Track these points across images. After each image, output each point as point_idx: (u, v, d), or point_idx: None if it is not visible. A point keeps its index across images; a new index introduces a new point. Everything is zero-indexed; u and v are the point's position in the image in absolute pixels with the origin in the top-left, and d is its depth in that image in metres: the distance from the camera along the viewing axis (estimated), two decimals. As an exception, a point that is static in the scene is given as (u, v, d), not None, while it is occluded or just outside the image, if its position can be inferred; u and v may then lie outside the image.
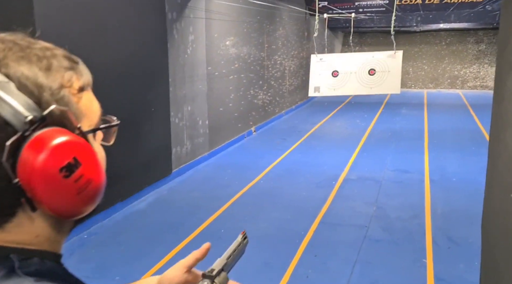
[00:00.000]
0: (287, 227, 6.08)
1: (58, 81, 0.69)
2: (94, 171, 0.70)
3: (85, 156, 0.69)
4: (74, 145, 0.67)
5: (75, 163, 0.67)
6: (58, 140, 0.65)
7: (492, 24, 20.00)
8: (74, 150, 0.67)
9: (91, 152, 0.70)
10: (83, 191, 0.69)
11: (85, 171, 0.68)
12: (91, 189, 0.70)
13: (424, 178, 8.14)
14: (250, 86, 11.83)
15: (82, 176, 0.68)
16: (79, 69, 0.75)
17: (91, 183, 0.70)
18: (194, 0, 8.55)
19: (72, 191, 0.67)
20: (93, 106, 0.76)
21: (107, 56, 6.18)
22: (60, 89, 0.69)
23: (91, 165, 0.70)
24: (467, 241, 5.57)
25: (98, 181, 0.71)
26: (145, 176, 7.23)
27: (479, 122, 13.56)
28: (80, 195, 0.69)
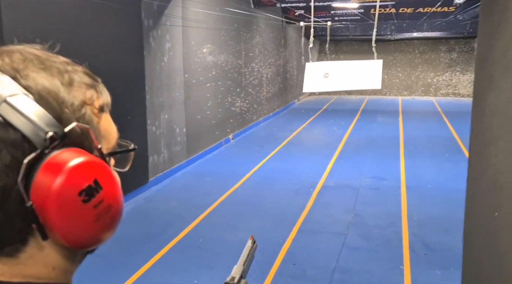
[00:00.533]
0: (265, 235, 6.06)
1: (80, 98, 0.64)
2: (115, 196, 0.64)
3: (106, 179, 0.63)
4: (95, 166, 0.61)
5: (96, 186, 0.61)
6: (78, 161, 0.59)
7: (463, 33, 20.49)
8: (95, 171, 0.61)
9: (111, 176, 0.64)
10: (102, 218, 0.62)
11: (106, 196, 0.62)
12: (110, 216, 0.64)
13: (400, 185, 8.23)
14: (228, 94, 11.82)
15: (102, 201, 0.62)
16: (100, 88, 0.70)
17: (111, 210, 0.63)
18: (170, 8, 8.51)
19: (90, 217, 0.61)
20: (111, 129, 0.72)
21: (81, 63, 6.08)
22: (82, 106, 0.64)
23: (112, 189, 0.64)
24: (443, 248, 5.63)
25: (118, 207, 0.65)
26: (122, 185, 7.11)
27: (453, 129, 13.81)
28: (98, 223, 0.62)
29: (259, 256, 5.17)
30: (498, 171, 1.94)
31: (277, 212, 6.94)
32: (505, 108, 1.89)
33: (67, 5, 5.81)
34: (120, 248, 5.73)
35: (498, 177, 1.95)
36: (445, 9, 14.00)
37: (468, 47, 23.66)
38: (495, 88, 1.98)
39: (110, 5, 6.60)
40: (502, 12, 1.97)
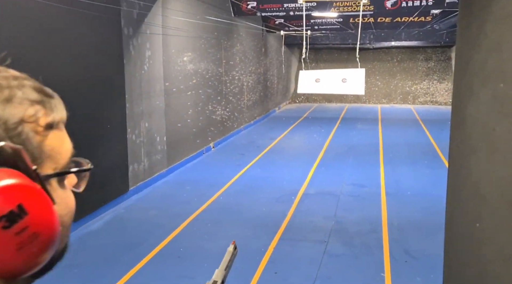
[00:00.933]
0: (247, 244, 6.03)
1: (18, 115, 0.59)
2: (44, 223, 0.58)
3: (35, 203, 0.57)
4: (22, 189, 0.56)
5: (20, 211, 0.56)
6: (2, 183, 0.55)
7: (440, 43, 20.86)
8: (20, 196, 0.56)
9: (43, 200, 0.59)
10: (25, 246, 0.57)
11: (31, 222, 0.57)
12: (36, 244, 0.58)
13: (380, 192, 8.30)
14: (209, 102, 11.80)
15: (27, 228, 0.56)
16: (52, 104, 0.65)
17: (37, 238, 0.58)
18: (150, 16, 8.48)
19: (11, 245, 0.56)
20: (62, 147, 0.66)
21: (60, 72, 6.02)
22: (19, 124, 0.59)
23: (41, 215, 0.58)
24: (423, 254, 5.69)
25: (47, 235, 0.59)
26: (101, 195, 7.03)
27: (431, 136, 14.01)
28: (21, 251, 0.57)
29: (240, 264, 5.13)
30: (479, 181, 1.97)
31: (258, 220, 6.93)
32: (484, 119, 1.92)
33: (45, 13, 5.74)
34: (99, 258, 5.65)
35: (478, 187, 1.97)
36: (422, 19, 14.24)
37: (445, 56, 24.09)
38: (475, 99, 2.02)
39: (89, 13, 6.55)
40: (480, 24, 2.01)
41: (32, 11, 5.50)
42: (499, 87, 1.80)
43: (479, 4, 2.09)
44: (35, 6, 5.51)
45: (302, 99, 25.49)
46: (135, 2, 7.92)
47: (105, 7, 6.91)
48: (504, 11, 1.85)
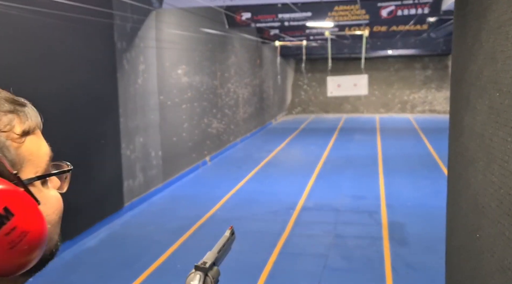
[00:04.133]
0: (245, 259, 5.93)
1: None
2: (31, 221, 0.64)
3: (20, 205, 0.63)
4: (5, 193, 0.61)
5: (6, 213, 0.61)
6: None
7: (437, 51, 20.91)
8: (5, 199, 0.61)
9: (27, 201, 0.64)
10: (16, 245, 0.62)
11: (19, 222, 0.62)
12: (26, 242, 0.63)
13: (380, 204, 8.20)
14: (204, 115, 11.74)
15: (15, 228, 0.62)
16: (25, 112, 0.70)
17: (26, 236, 0.63)
18: (144, 30, 8.45)
19: (3, 245, 0.61)
20: (40, 151, 0.71)
21: (53, 87, 5.96)
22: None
23: (26, 215, 0.63)
24: (424, 266, 5.58)
25: (36, 233, 0.65)
26: (96, 211, 6.94)
27: (430, 146, 13.95)
28: (13, 250, 0.62)
29: (239, 280, 5.04)
30: (478, 192, 1.91)
31: (256, 234, 6.83)
32: (481, 129, 1.86)
33: (37, 28, 5.70)
34: (96, 275, 5.56)
35: (477, 198, 1.91)
36: (418, 27, 14.27)
37: (442, 64, 24.13)
38: (472, 110, 1.95)
39: (82, 27, 6.51)
40: (475, 34, 1.96)
41: (24, 26, 5.46)
42: (495, 97, 1.74)
43: (474, 13, 2.05)
44: (27, 21, 5.46)
45: (299, 111, 25.49)
46: (128, 16, 7.89)
47: (98, 21, 6.88)
48: (499, 20, 1.81)
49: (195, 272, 0.98)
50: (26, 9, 5.40)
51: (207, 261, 1.00)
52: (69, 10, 6.12)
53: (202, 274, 0.98)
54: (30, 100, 0.73)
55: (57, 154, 0.74)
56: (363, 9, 11.05)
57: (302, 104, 25.60)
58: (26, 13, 5.41)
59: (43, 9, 5.66)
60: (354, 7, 11.04)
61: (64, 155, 0.74)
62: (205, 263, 0.99)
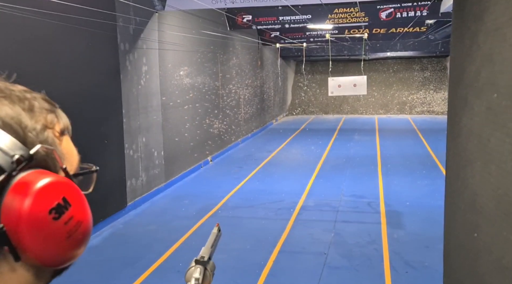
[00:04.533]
0: (246, 258, 6.01)
1: (41, 122, 0.67)
2: (84, 212, 0.66)
3: (74, 196, 0.65)
4: (62, 185, 0.64)
5: (65, 203, 0.63)
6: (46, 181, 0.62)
7: (435, 53, 20.99)
8: (62, 190, 0.63)
9: (79, 193, 0.67)
10: (73, 234, 0.64)
11: (75, 212, 0.64)
12: (81, 231, 0.65)
13: (379, 203, 8.29)
14: (206, 116, 11.82)
15: (72, 218, 0.64)
16: (58, 113, 0.73)
17: (81, 225, 0.65)
18: (147, 31, 8.53)
19: (62, 234, 0.63)
20: (73, 151, 0.74)
21: (58, 88, 6.03)
22: (44, 130, 0.67)
23: (80, 206, 0.66)
24: (423, 265, 5.67)
25: (88, 223, 0.67)
26: (99, 210, 7.01)
27: (428, 146, 14.03)
28: (70, 239, 0.64)
29: (240, 278, 5.12)
30: (475, 192, 1.97)
31: (257, 233, 6.91)
32: (479, 130, 1.93)
33: (42, 30, 5.78)
34: (99, 273, 5.62)
35: (475, 198, 1.98)
36: (417, 29, 14.34)
37: (441, 66, 24.21)
38: (469, 111, 2.03)
39: (85, 29, 6.58)
40: (473, 36, 2.03)
41: (29, 28, 5.53)
42: (492, 98, 1.80)
43: (471, 16, 2.11)
44: (32, 23, 5.54)
45: (299, 111, 25.55)
46: (131, 18, 7.97)
47: (102, 23, 6.95)
48: (496, 22, 1.87)
49: (196, 266, 1.04)
50: (31, 11, 5.48)
51: (205, 256, 1.06)
52: (73, 12, 6.19)
53: (202, 267, 1.04)
54: None
55: None
56: (363, 12, 11.13)
57: (303, 105, 25.66)
58: (31, 15, 5.49)
59: (47, 11, 5.74)
60: (353, 10, 11.12)
61: None
62: (204, 258, 1.05)
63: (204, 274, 1.03)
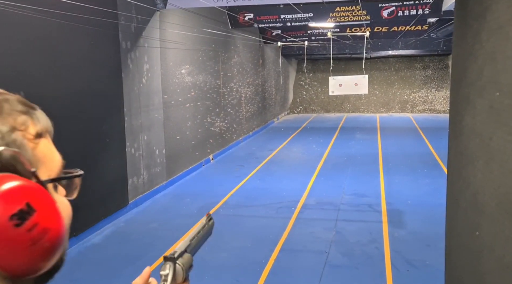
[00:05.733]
0: (247, 256, 6.02)
1: (9, 124, 0.64)
2: (52, 218, 0.62)
3: (41, 202, 0.61)
4: (27, 189, 0.60)
5: (28, 209, 0.59)
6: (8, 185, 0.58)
7: (437, 51, 20.96)
8: (27, 195, 0.59)
9: (47, 198, 0.63)
10: (38, 241, 0.60)
11: (40, 219, 0.60)
12: (48, 239, 0.61)
13: (380, 201, 8.28)
14: (207, 114, 11.82)
15: (37, 224, 0.60)
16: (36, 115, 0.69)
17: (47, 233, 0.61)
18: (148, 30, 8.53)
19: (25, 242, 0.59)
20: (53, 155, 0.70)
21: (60, 86, 6.04)
22: (12, 132, 0.63)
23: (47, 212, 0.62)
24: (424, 264, 5.66)
25: (57, 230, 0.63)
26: (101, 208, 7.02)
27: (430, 144, 14.02)
28: (35, 247, 0.60)
29: (241, 277, 5.11)
30: (477, 191, 1.97)
31: (258, 231, 6.91)
32: (481, 128, 1.93)
33: (44, 29, 5.78)
34: (100, 271, 5.63)
35: (477, 197, 1.98)
36: (419, 27, 14.32)
37: (442, 64, 24.19)
38: (471, 109, 2.03)
39: (87, 28, 6.59)
40: (475, 34, 2.02)
41: (30, 27, 5.54)
42: (495, 97, 1.80)
43: (474, 14, 2.10)
44: (34, 22, 5.54)
45: (301, 110, 25.54)
46: (133, 16, 7.97)
47: (103, 21, 6.96)
48: (499, 21, 1.86)
49: (165, 263, 1.03)
50: (33, 9, 5.48)
51: (177, 251, 1.04)
52: (74, 11, 6.19)
53: (171, 263, 1.02)
54: (36, 99, 0.73)
55: (63, 152, 0.73)
56: (364, 10, 11.12)
57: (304, 104, 25.65)
58: (33, 13, 5.49)
59: (49, 10, 5.74)
60: (355, 8, 11.11)
61: (70, 153, 0.72)
62: (174, 253, 1.03)
63: (174, 269, 1.01)
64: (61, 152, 0.73)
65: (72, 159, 0.73)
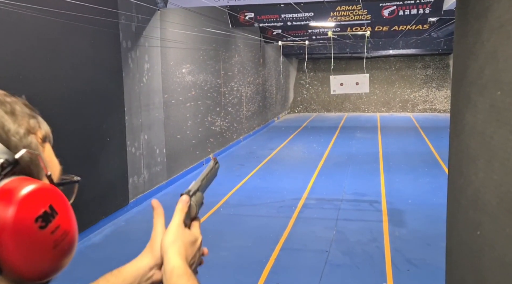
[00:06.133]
0: (248, 255, 6.02)
1: (24, 126, 0.63)
2: (70, 221, 0.63)
3: (61, 204, 0.62)
4: (48, 192, 0.60)
5: (52, 211, 0.59)
6: (32, 187, 0.58)
7: (438, 50, 20.96)
8: (49, 197, 0.60)
9: (65, 201, 0.63)
10: (59, 244, 0.60)
11: (62, 221, 0.61)
12: (67, 242, 0.62)
13: (381, 200, 8.29)
14: (208, 113, 11.82)
15: (59, 227, 0.60)
16: (39, 119, 0.69)
17: (68, 235, 0.62)
18: (149, 29, 8.53)
19: (49, 244, 0.59)
20: (54, 160, 0.70)
21: (60, 85, 6.04)
22: (28, 135, 0.63)
23: (67, 214, 0.62)
24: (425, 263, 5.67)
25: (74, 232, 0.64)
26: (101, 207, 7.03)
27: (430, 144, 14.02)
28: (56, 249, 0.60)
29: (242, 276, 5.11)
30: (478, 190, 1.97)
31: (259, 230, 6.91)
32: (482, 127, 1.92)
33: (45, 28, 5.78)
34: (101, 271, 5.60)
35: (478, 195, 1.97)
36: (420, 27, 14.32)
37: (443, 63, 24.18)
38: (472, 108, 2.02)
39: (88, 27, 6.59)
40: (476, 33, 2.02)
41: (31, 26, 5.54)
42: (496, 95, 1.80)
43: (475, 13, 2.10)
44: (34, 21, 5.55)
45: (301, 109, 25.54)
46: (134, 15, 7.97)
47: (104, 21, 6.96)
48: (500, 20, 1.86)
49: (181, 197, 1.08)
50: (33, 8, 5.48)
51: (191, 189, 1.09)
52: (75, 10, 6.19)
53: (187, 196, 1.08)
54: (36, 99, 0.74)
55: (63, 152, 0.74)
56: (365, 9, 11.12)
57: (305, 103, 25.65)
58: (32, 12, 5.50)
59: (49, 9, 5.74)
60: (356, 7, 11.10)
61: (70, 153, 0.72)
62: (189, 191, 1.08)
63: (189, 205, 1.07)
64: (62, 151, 0.73)
65: (72, 158, 0.73)
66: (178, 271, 0.92)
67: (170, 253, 0.94)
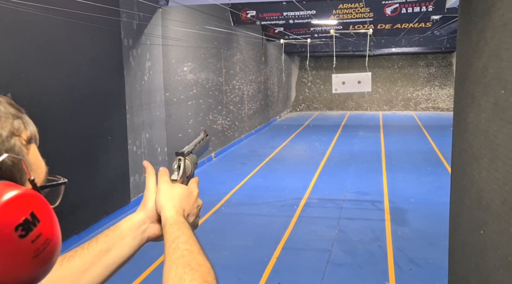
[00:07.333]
0: (250, 254, 6.00)
1: (7, 129, 0.60)
2: (53, 229, 0.60)
3: (43, 211, 0.58)
4: (30, 198, 0.57)
5: (33, 219, 0.56)
6: (12, 194, 0.55)
7: (441, 48, 20.89)
8: (31, 204, 0.57)
9: (48, 207, 0.60)
10: (40, 253, 0.57)
11: (43, 229, 0.58)
12: (49, 251, 0.59)
13: (383, 199, 8.26)
14: (209, 112, 11.80)
15: (41, 235, 0.57)
16: (25, 119, 0.66)
17: (49, 244, 0.59)
18: (150, 27, 8.50)
19: (28, 253, 0.56)
20: (40, 162, 0.67)
21: (62, 84, 6.03)
22: (11, 137, 0.60)
23: (49, 222, 0.59)
24: (427, 262, 5.64)
25: (57, 241, 0.61)
26: (102, 206, 7.01)
27: (433, 142, 13.97)
28: (36, 259, 0.57)
29: (244, 275, 5.09)
30: (482, 189, 1.95)
31: (260, 229, 6.89)
32: (486, 126, 1.90)
33: (46, 26, 5.76)
34: (102, 271, 5.60)
35: (481, 194, 1.95)
36: (422, 25, 14.26)
37: (446, 62, 24.10)
38: (476, 107, 2.00)
39: (89, 25, 6.57)
40: (480, 32, 2.00)
41: (32, 24, 5.52)
42: (500, 94, 1.78)
43: (478, 11, 2.08)
44: (34, 19, 5.53)
45: (303, 108, 25.51)
46: (135, 13, 7.94)
47: (105, 19, 6.93)
48: (504, 18, 1.84)
49: (177, 157, 1.11)
50: (34, 6, 5.46)
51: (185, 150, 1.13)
52: (76, 8, 6.18)
53: (182, 158, 1.11)
54: (37, 97, 0.72)
55: (65, 150, 0.71)
56: (368, 7, 11.08)
57: (307, 101, 25.61)
58: (34, 10, 5.48)
59: (50, 7, 5.72)
60: (358, 5, 11.06)
61: (71, 151, 0.69)
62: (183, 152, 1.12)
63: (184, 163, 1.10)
64: (63, 150, 0.71)
65: (73, 156, 0.69)
66: (170, 220, 1.01)
67: (165, 207, 1.04)
